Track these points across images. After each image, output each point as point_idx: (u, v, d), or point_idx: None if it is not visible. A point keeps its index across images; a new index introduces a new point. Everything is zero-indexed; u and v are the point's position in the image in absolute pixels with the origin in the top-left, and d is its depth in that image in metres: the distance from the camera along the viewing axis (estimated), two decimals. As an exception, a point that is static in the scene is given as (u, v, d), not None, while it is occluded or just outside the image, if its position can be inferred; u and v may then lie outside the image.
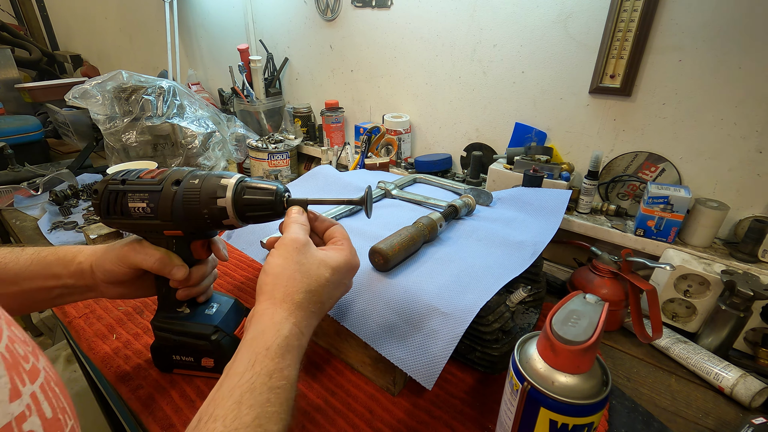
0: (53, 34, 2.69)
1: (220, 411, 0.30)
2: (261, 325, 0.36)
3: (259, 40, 1.40)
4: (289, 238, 0.41)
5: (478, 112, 0.97)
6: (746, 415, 0.53)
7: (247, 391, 0.31)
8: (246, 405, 0.31)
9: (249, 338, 0.36)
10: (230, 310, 0.56)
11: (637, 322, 0.62)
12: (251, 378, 0.32)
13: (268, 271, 0.39)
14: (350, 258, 0.44)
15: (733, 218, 0.72)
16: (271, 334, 0.35)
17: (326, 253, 0.42)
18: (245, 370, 0.33)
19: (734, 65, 0.65)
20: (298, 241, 0.41)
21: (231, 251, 0.88)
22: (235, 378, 0.32)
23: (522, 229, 0.65)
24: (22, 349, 0.26)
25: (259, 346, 0.34)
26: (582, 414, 0.35)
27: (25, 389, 0.24)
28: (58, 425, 0.26)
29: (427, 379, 0.45)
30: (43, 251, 0.50)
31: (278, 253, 0.40)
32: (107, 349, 0.61)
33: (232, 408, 0.30)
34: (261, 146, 1.19)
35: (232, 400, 0.31)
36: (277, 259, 0.40)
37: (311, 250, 0.41)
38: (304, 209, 0.45)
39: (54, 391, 0.27)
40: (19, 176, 1.25)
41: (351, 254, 0.44)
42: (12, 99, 1.81)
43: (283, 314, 0.37)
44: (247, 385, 0.32)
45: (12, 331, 0.26)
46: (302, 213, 0.44)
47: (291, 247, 0.40)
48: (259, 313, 0.37)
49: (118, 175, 0.47)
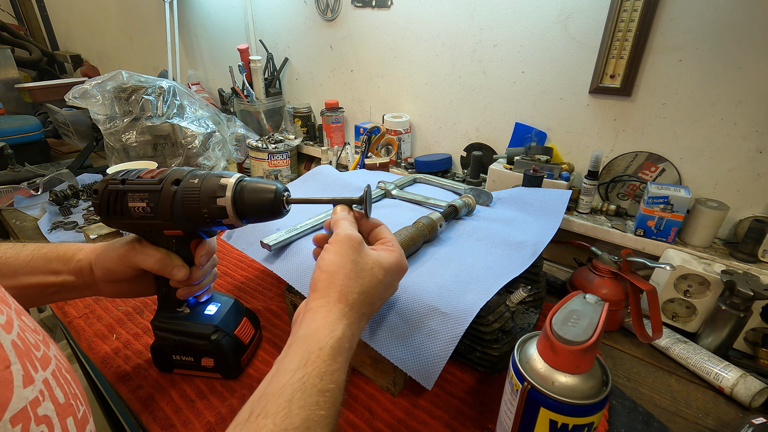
0: (53, 34, 2.68)
1: (272, 407, 0.30)
2: (315, 323, 0.35)
3: (259, 40, 1.40)
4: (345, 235, 0.39)
5: (478, 112, 0.97)
6: (746, 415, 0.53)
7: (299, 390, 0.31)
8: (296, 405, 0.30)
9: (302, 335, 0.35)
10: (230, 310, 0.56)
11: (637, 322, 0.62)
12: (303, 377, 0.31)
13: (324, 268, 0.38)
14: (401, 259, 0.43)
15: (733, 218, 0.71)
16: (324, 333, 0.34)
17: (379, 254, 0.41)
18: (297, 368, 0.32)
19: (734, 65, 0.65)
20: (354, 239, 0.39)
21: (231, 251, 0.88)
22: (287, 375, 0.32)
23: (522, 229, 0.65)
24: (33, 338, 0.27)
25: (312, 345, 0.34)
26: (582, 414, 0.35)
27: (38, 376, 0.25)
28: (71, 410, 0.26)
29: (427, 379, 0.45)
30: (43, 248, 0.50)
31: (334, 249, 0.39)
32: (107, 349, 0.61)
33: (284, 406, 0.30)
34: (261, 146, 1.19)
35: (284, 398, 0.30)
36: (333, 257, 0.38)
37: (366, 250, 0.40)
38: (350, 208, 0.44)
39: (66, 378, 0.28)
40: (19, 176, 1.25)
41: (402, 255, 0.43)
42: (12, 99, 1.81)
43: (337, 314, 0.36)
44: (299, 384, 0.31)
45: (22, 320, 0.27)
46: (349, 212, 0.43)
47: (347, 244, 0.39)
48: (313, 309, 0.36)
49: (118, 175, 0.47)
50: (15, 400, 0.22)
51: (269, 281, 0.78)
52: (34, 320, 0.29)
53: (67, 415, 0.26)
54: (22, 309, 0.29)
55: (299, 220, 0.63)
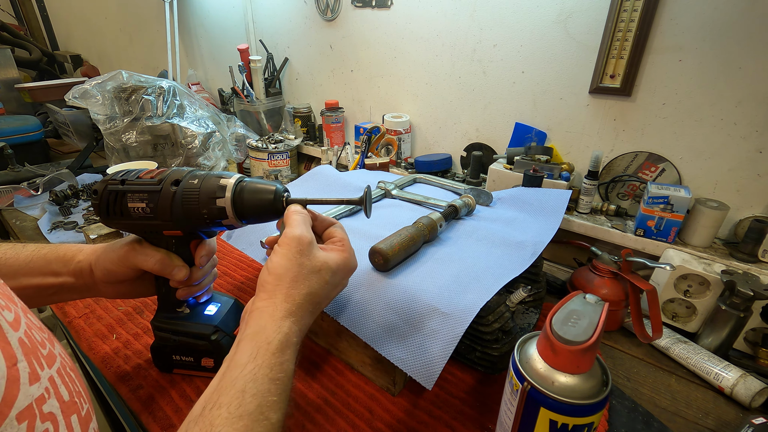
0: (53, 34, 2.68)
1: (225, 399, 0.31)
2: (262, 321, 0.37)
3: (259, 40, 1.40)
4: (293, 237, 0.40)
5: (478, 112, 0.97)
6: (746, 415, 0.53)
7: (250, 381, 0.32)
8: (249, 394, 0.32)
9: (250, 332, 0.36)
10: (230, 310, 0.56)
11: (637, 322, 0.62)
12: (253, 369, 0.33)
13: (271, 271, 0.39)
14: (350, 259, 0.44)
15: (733, 218, 0.71)
16: (271, 330, 0.36)
17: (327, 255, 0.42)
18: (248, 361, 0.34)
19: (734, 65, 0.65)
20: (302, 241, 0.40)
21: (231, 251, 0.88)
22: (237, 369, 0.33)
23: (522, 229, 0.65)
24: (39, 336, 0.27)
25: (260, 340, 0.35)
26: (582, 414, 0.35)
27: (44, 373, 0.25)
28: (75, 408, 0.27)
29: (427, 379, 0.45)
30: (43, 248, 0.50)
31: (282, 252, 0.40)
32: (107, 349, 0.61)
33: (236, 396, 0.31)
34: (261, 146, 1.19)
35: (236, 389, 0.32)
36: (281, 259, 0.39)
37: (314, 251, 0.41)
38: (304, 207, 0.45)
39: (70, 376, 0.28)
40: (19, 176, 1.25)
41: (351, 255, 0.45)
42: (12, 99, 1.81)
43: (283, 313, 0.38)
44: (250, 375, 0.33)
45: (29, 318, 0.27)
46: (303, 211, 0.44)
47: (295, 248, 0.40)
48: (260, 309, 0.38)
49: (117, 175, 0.47)
50: (21, 397, 0.22)
51: (269, 281, 0.78)
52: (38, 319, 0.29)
53: (72, 413, 0.26)
54: (27, 307, 0.29)
55: (299, 220, 0.63)
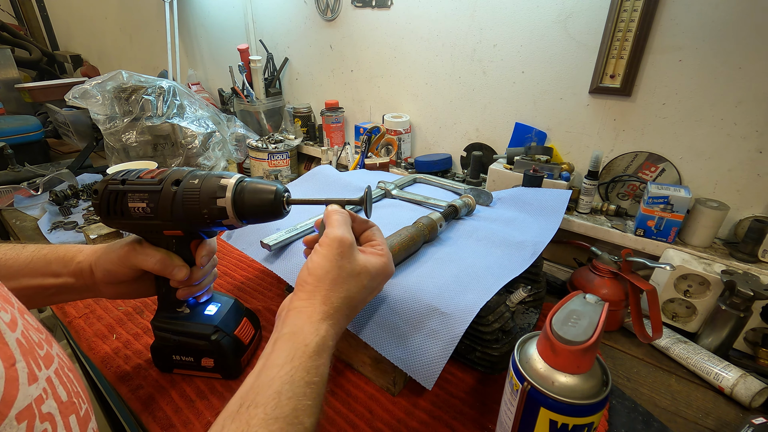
0: (53, 34, 2.68)
1: (261, 398, 0.31)
2: (299, 322, 0.36)
3: (259, 40, 1.40)
4: (335, 238, 0.39)
5: (478, 112, 0.97)
6: (746, 415, 0.53)
7: (287, 382, 0.32)
8: (285, 396, 0.31)
9: (287, 332, 0.36)
10: (230, 310, 0.56)
11: (637, 322, 0.62)
12: (290, 371, 0.33)
13: (312, 271, 0.39)
14: (388, 265, 0.43)
15: (733, 218, 0.71)
16: (309, 332, 0.36)
17: (367, 259, 0.41)
18: (285, 362, 0.33)
19: (734, 65, 0.65)
20: (344, 243, 0.39)
21: (231, 251, 0.88)
22: (274, 369, 0.33)
23: (522, 229, 0.65)
24: (36, 337, 0.27)
25: (298, 342, 0.35)
26: (582, 414, 0.35)
27: (41, 374, 0.25)
28: (73, 408, 0.27)
29: (427, 379, 0.45)
30: (43, 249, 0.50)
31: (324, 253, 0.39)
32: (107, 349, 0.61)
33: (273, 397, 0.31)
34: (261, 146, 1.19)
35: (273, 390, 0.31)
36: (322, 260, 0.39)
37: (355, 254, 0.40)
38: (343, 207, 0.44)
39: (68, 376, 0.28)
40: (19, 176, 1.25)
41: (389, 260, 0.44)
42: (12, 99, 1.81)
43: (321, 315, 0.37)
44: (287, 377, 0.32)
45: (25, 319, 0.27)
46: (344, 211, 0.43)
47: (336, 249, 0.39)
48: (297, 309, 0.37)
49: (118, 175, 0.47)
50: (20, 397, 0.22)
51: (269, 281, 0.78)
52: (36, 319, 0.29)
53: (70, 413, 0.26)
54: (24, 308, 0.29)
55: (299, 220, 0.63)
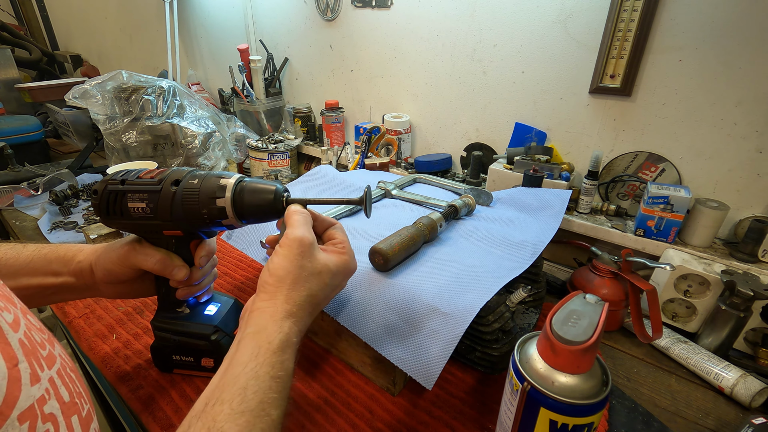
0: (53, 34, 2.68)
1: (227, 395, 0.32)
2: (262, 321, 0.37)
3: (259, 40, 1.40)
4: (295, 238, 0.40)
5: (478, 112, 0.97)
6: (746, 415, 0.53)
7: (252, 378, 0.33)
8: (251, 391, 0.32)
9: (251, 331, 0.36)
10: (230, 310, 0.56)
11: (637, 322, 0.62)
12: (255, 367, 0.34)
13: (272, 272, 0.39)
14: (350, 262, 0.44)
15: (733, 218, 0.71)
16: (272, 330, 0.36)
17: (328, 257, 0.42)
18: (249, 359, 0.34)
19: (734, 65, 0.65)
20: (303, 243, 0.40)
21: (231, 251, 0.88)
22: (239, 366, 0.34)
23: (522, 229, 0.65)
24: (39, 337, 0.27)
25: (261, 340, 0.36)
26: (582, 414, 0.35)
27: (44, 374, 0.25)
28: (76, 408, 0.27)
29: (427, 379, 0.45)
30: (44, 248, 0.50)
31: (283, 253, 0.40)
32: (107, 349, 0.61)
33: (238, 393, 0.32)
34: (261, 146, 1.19)
35: (238, 386, 0.32)
36: (282, 261, 0.39)
37: (315, 253, 0.41)
38: (304, 207, 0.44)
39: (70, 377, 0.28)
40: (19, 176, 1.25)
41: (351, 258, 0.45)
42: (12, 99, 1.81)
43: (284, 314, 0.38)
44: (252, 373, 0.33)
45: (28, 319, 0.28)
46: (304, 211, 0.44)
47: (296, 249, 0.39)
48: (261, 309, 0.38)
49: (117, 175, 0.47)
50: (23, 397, 0.22)
51: (269, 281, 0.78)
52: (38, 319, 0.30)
53: (72, 414, 0.26)
54: (26, 308, 0.29)
55: (299, 220, 0.63)
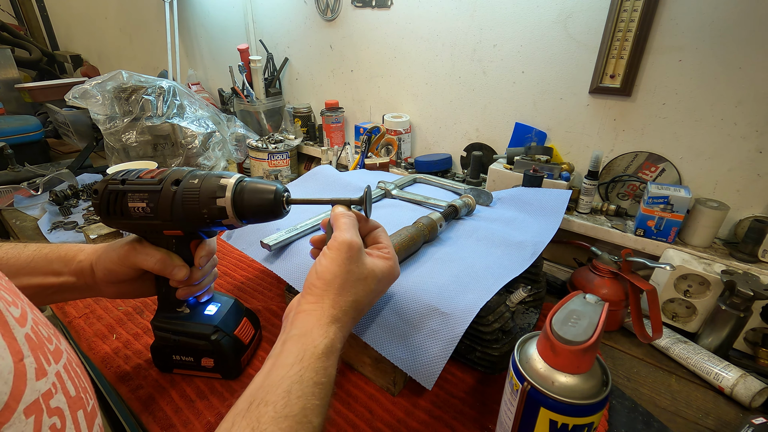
0: (53, 34, 2.68)
1: (271, 397, 0.31)
2: (308, 324, 0.37)
3: (259, 40, 1.40)
4: (344, 241, 0.39)
5: (478, 112, 0.97)
6: (746, 415, 0.53)
7: (296, 382, 0.33)
8: (295, 395, 0.32)
9: (296, 333, 0.36)
10: (230, 310, 0.56)
11: (637, 322, 0.62)
12: (300, 371, 0.33)
13: (320, 275, 0.39)
14: (394, 268, 0.43)
15: (733, 218, 0.71)
16: (318, 334, 0.36)
17: (375, 262, 0.41)
18: (294, 362, 0.34)
19: (734, 65, 0.65)
20: (352, 247, 0.39)
21: (231, 251, 0.88)
22: (284, 368, 0.33)
23: (522, 229, 0.65)
24: (46, 332, 0.27)
25: (307, 343, 0.35)
26: (582, 414, 0.35)
27: (50, 368, 0.25)
28: (81, 403, 0.27)
29: (427, 379, 0.45)
30: (45, 248, 0.50)
31: (332, 256, 0.39)
32: (107, 349, 0.61)
33: (283, 396, 0.32)
34: (261, 146, 1.19)
35: (282, 389, 0.32)
36: (331, 264, 0.39)
37: (363, 258, 0.40)
38: (349, 208, 0.43)
39: (76, 372, 0.28)
40: (19, 176, 1.25)
41: (395, 263, 0.44)
42: (12, 99, 1.81)
43: (330, 319, 0.37)
44: (297, 377, 0.33)
45: (35, 314, 0.28)
46: (351, 214, 0.43)
47: (345, 253, 0.39)
48: (306, 312, 0.38)
49: (117, 175, 0.47)
50: (28, 392, 0.22)
51: (269, 281, 0.78)
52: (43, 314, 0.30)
53: (78, 408, 0.26)
54: (32, 304, 0.29)
55: (299, 220, 0.63)
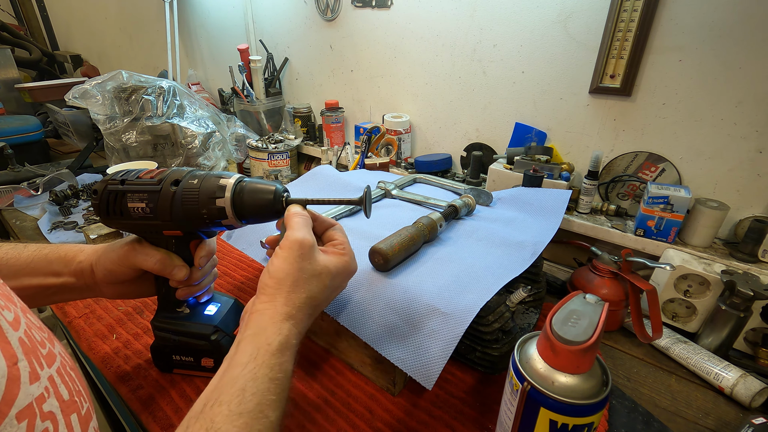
0: (53, 34, 2.68)
1: (225, 396, 0.32)
2: (262, 323, 0.37)
3: (259, 40, 1.40)
4: (295, 240, 0.40)
5: (478, 112, 0.97)
6: (746, 415, 0.53)
7: (251, 380, 0.33)
8: (249, 392, 0.32)
9: (250, 333, 0.36)
10: (230, 310, 0.56)
11: (637, 322, 0.62)
12: (254, 369, 0.34)
13: (272, 274, 0.39)
14: (350, 263, 0.44)
15: (733, 218, 0.71)
16: (272, 332, 0.36)
17: (329, 259, 0.42)
18: (248, 361, 0.34)
19: (734, 65, 0.65)
20: (303, 245, 0.40)
21: (231, 251, 0.88)
22: (238, 368, 0.34)
23: (522, 229, 0.65)
24: (39, 335, 0.27)
25: (260, 342, 0.36)
26: (582, 414, 0.35)
27: (43, 372, 0.26)
28: (75, 407, 0.27)
29: (427, 379, 0.45)
30: (45, 248, 0.50)
31: (284, 256, 0.39)
32: (107, 349, 0.61)
33: (237, 394, 0.32)
34: (261, 146, 1.19)
35: (237, 387, 0.32)
36: (282, 263, 0.39)
37: (315, 255, 0.41)
38: (304, 208, 0.44)
39: (70, 375, 0.28)
40: (19, 176, 1.25)
41: (351, 259, 0.44)
42: (12, 99, 1.81)
43: (283, 316, 0.38)
44: (251, 375, 0.33)
45: (28, 318, 0.28)
46: (304, 212, 0.43)
47: (297, 251, 0.39)
48: (260, 311, 0.38)
49: (117, 175, 0.47)
50: (21, 396, 0.22)
51: (269, 281, 0.78)
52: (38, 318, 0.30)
53: (71, 412, 0.26)
54: (26, 307, 0.29)
55: (299, 220, 0.63)
